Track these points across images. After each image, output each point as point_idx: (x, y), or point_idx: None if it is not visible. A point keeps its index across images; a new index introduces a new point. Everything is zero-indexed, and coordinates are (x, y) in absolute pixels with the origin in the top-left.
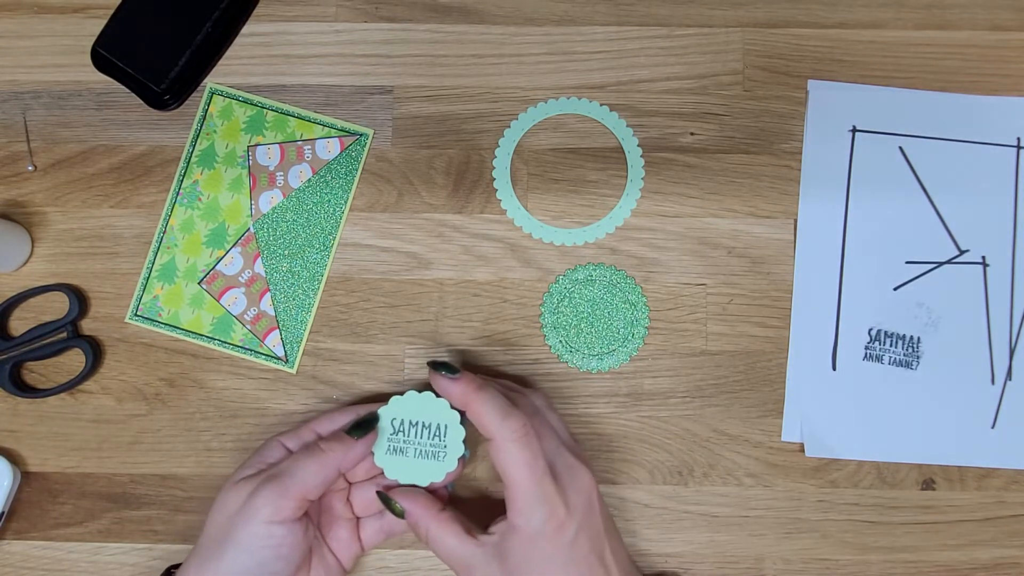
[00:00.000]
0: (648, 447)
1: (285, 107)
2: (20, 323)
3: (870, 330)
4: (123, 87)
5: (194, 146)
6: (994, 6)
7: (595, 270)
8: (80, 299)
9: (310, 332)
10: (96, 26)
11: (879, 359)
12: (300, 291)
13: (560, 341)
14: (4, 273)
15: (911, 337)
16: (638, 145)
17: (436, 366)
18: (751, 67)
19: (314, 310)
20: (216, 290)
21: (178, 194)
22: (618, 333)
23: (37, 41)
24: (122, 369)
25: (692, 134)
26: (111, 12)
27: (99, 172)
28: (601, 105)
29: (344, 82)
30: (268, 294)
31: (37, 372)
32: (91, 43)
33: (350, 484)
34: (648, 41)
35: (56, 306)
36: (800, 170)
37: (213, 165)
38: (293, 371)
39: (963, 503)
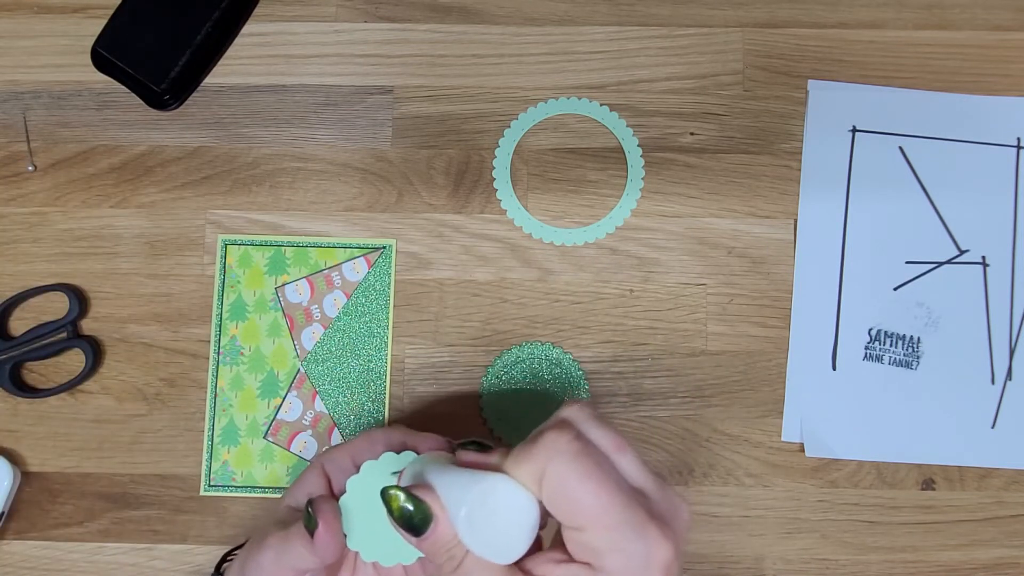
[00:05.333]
0: (648, 447)
1: (301, 239)
2: (20, 323)
3: (870, 330)
4: (123, 87)
5: (222, 301)
6: (994, 6)
7: (524, 350)
8: (80, 299)
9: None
10: (96, 26)
11: (879, 359)
12: (366, 417)
13: (503, 425)
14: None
15: (911, 337)
16: (638, 145)
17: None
18: (751, 67)
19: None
20: (283, 439)
21: (219, 354)
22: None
23: (37, 41)
24: (122, 369)
25: (692, 134)
26: (111, 12)
27: (99, 172)
28: (601, 105)
29: (344, 82)
30: (336, 429)
31: (37, 372)
32: (91, 43)
33: None
34: (648, 41)
35: (56, 306)
36: (800, 170)
37: (245, 316)
38: None
39: (963, 503)
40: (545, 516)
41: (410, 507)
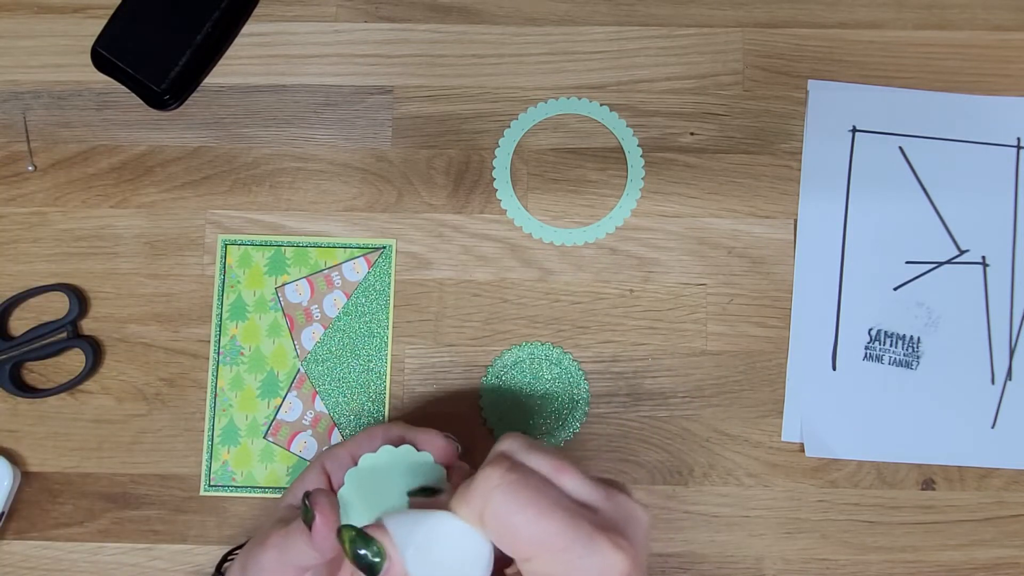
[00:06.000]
0: (648, 447)
1: (301, 239)
2: (20, 323)
3: (870, 330)
4: (123, 87)
5: (222, 301)
6: (994, 6)
7: (524, 350)
8: (80, 299)
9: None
10: (96, 26)
11: (879, 359)
12: (366, 417)
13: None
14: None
15: (911, 337)
16: (638, 145)
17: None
18: (751, 67)
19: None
20: (283, 439)
21: (219, 354)
22: (560, 409)
23: (37, 41)
24: (122, 369)
25: (692, 134)
26: (111, 12)
27: (99, 172)
28: (601, 105)
29: (344, 82)
30: (336, 429)
31: (37, 372)
32: (91, 43)
33: None
34: (648, 41)
35: (56, 306)
36: (800, 170)
37: (245, 316)
38: None
39: (963, 503)
40: (503, 554)
41: (363, 549)
